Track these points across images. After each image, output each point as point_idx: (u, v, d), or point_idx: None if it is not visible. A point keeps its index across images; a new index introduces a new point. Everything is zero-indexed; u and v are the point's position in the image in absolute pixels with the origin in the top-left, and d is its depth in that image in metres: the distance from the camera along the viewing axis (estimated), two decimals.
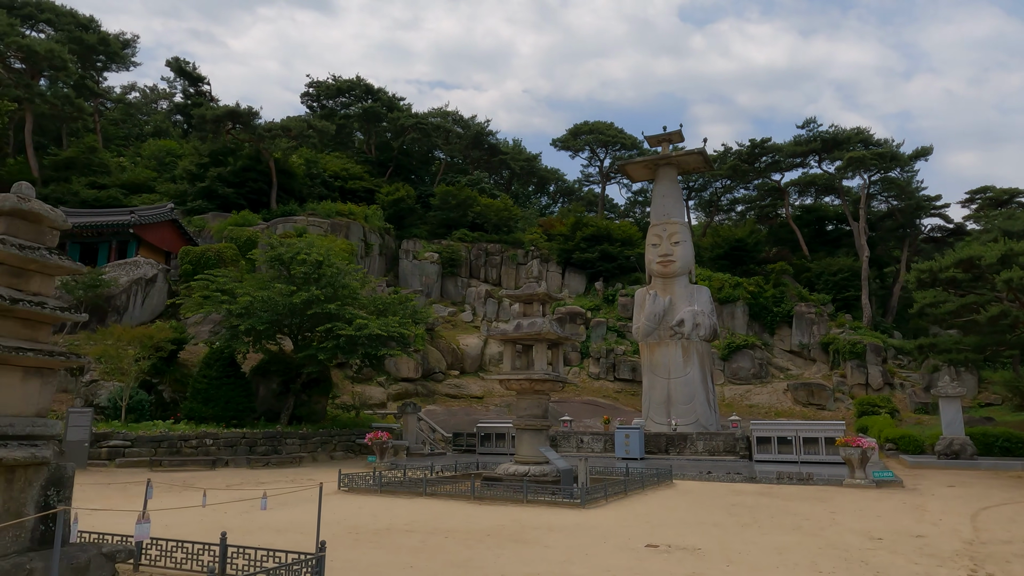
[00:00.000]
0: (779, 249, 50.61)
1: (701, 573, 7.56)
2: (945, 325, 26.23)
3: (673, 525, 10.82)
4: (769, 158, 52.12)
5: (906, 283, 27.80)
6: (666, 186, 35.45)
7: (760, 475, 17.99)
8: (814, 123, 49.46)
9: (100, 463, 19.83)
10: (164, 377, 24.97)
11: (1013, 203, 46.47)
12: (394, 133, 58.33)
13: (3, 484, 5.61)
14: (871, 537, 9.86)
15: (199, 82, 53.00)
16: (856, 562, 8.22)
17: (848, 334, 41.63)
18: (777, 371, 43.16)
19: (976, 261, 22.73)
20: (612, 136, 59.44)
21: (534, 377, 16.73)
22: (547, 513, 11.97)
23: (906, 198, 47.78)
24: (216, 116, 43.54)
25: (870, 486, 15.98)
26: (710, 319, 34.00)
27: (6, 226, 6.16)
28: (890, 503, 13.54)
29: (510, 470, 16.56)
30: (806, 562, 8.19)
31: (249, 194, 43.67)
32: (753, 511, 12.43)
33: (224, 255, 33.78)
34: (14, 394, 6.03)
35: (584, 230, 49.77)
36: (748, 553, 8.68)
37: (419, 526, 10.51)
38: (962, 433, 22.58)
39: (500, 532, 10.15)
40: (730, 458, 23.84)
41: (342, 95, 60.35)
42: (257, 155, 44.17)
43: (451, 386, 40.04)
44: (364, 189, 52.52)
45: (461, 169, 63.41)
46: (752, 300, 44.83)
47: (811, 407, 39.25)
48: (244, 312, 23.22)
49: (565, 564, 7.99)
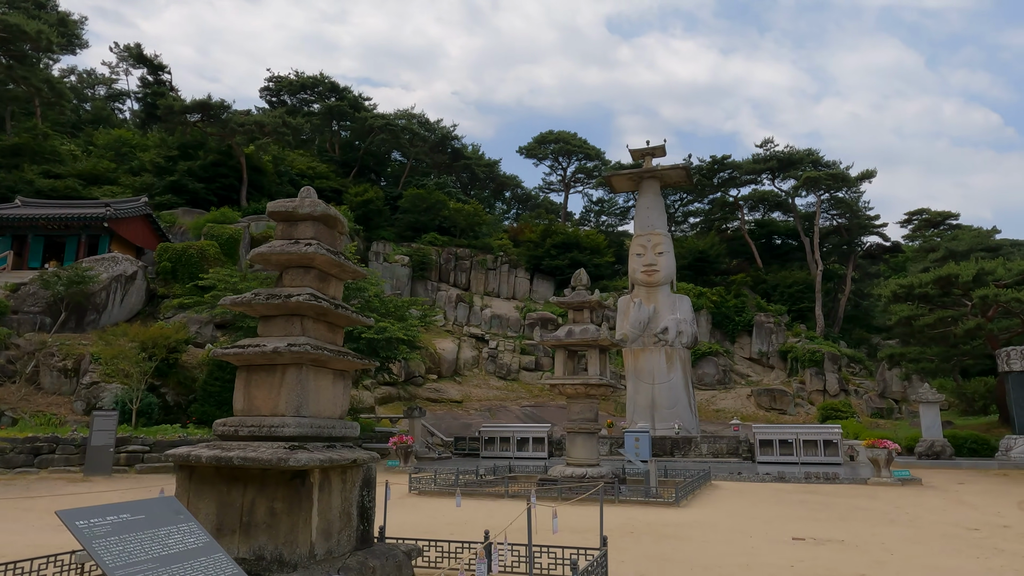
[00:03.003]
0: (739, 261, 53.24)
1: (881, 561, 8.36)
2: (920, 338, 28.58)
3: (780, 520, 11.65)
4: (727, 174, 54.75)
5: (880, 296, 30.09)
6: (650, 199, 36.84)
7: (788, 475, 19.23)
8: (771, 143, 52.40)
9: (120, 469, 18.96)
10: (167, 379, 23.96)
11: (944, 224, 50.83)
12: (360, 133, 57.54)
13: (339, 485, 5.72)
14: (967, 528, 10.99)
15: (160, 70, 50.57)
16: (989, 548, 9.25)
17: (804, 343, 44.34)
18: (739, 377, 45.40)
19: (953, 279, 25.02)
20: (577, 146, 60.82)
21: (590, 382, 17.30)
22: (650, 512, 12.57)
23: (852, 217, 51.34)
24: (184, 108, 41.81)
25: (895, 484, 17.44)
26: (691, 327, 35.59)
27: (315, 231, 6.25)
28: (933, 499, 14.92)
29: (566, 472, 17.05)
30: (950, 549, 9.15)
31: (219, 190, 42.19)
32: (826, 507, 13.46)
33: (207, 253, 32.60)
34: (327, 396, 6.13)
35: (554, 237, 50.78)
36: (890, 543, 9.58)
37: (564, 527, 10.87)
38: (940, 436, 24.75)
39: (634, 529, 10.67)
40: (734, 460, 25.17)
41: (305, 91, 59.03)
42: (228, 150, 42.71)
43: (431, 390, 39.97)
44: (331, 189, 51.52)
45: (424, 172, 63.19)
46: (715, 309, 46.98)
47: (773, 412, 41.55)
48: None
49: (743, 555, 8.61)
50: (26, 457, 18.36)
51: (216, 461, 5.29)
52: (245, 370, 5.97)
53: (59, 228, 32.78)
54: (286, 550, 5.19)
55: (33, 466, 18.33)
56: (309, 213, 6.21)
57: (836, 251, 54.10)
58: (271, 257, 6.11)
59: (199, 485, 5.59)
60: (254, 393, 5.89)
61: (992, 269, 24.85)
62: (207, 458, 5.32)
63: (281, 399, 5.74)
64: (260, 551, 5.25)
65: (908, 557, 8.64)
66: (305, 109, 58.63)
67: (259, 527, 5.30)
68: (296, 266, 6.16)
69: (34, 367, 23.77)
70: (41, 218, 32.42)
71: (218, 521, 5.44)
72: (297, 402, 5.73)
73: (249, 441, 5.62)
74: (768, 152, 52.22)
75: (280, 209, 6.28)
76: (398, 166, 64.48)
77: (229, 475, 5.50)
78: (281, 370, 5.80)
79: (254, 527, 5.31)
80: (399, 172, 62.65)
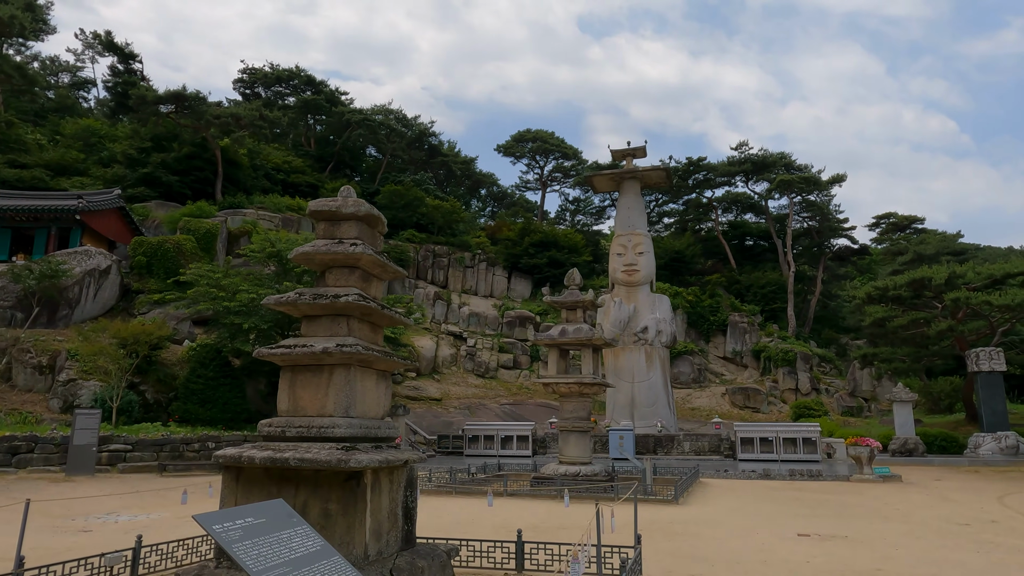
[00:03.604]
0: (714, 262, 54.07)
1: (889, 556, 8.64)
2: (893, 339, 29.42)
3: (781, 517, 11.93)
4: (702, 175, 55.55)
5: (851, 297, 30.91)
6: (631, 199, 37.23)
7: (773, 473, 19.66)
8: (745, 146, 53.31)
9: (102, 468, 18.50)
10: (147, 377, 23.42)
11: (911, 228, 52.37)
12: (336, 128, 56.88)
13: (387, 486, 5.71)
14: (958, 523, 11.41)
15: (131, 59, 49.19)
16: (985, 542, 9.63)
17: (777, 343, 45.27)
18: (713, 376, 46.15)
19: (926, 282, 25.83)
20: (554, 145, 61.05)
21: (584, 381, 17.46)
22: (651, 510, 12.75)
23: (823, 219, 52.55)
24: (158, 98, 40.82)
25: (877, 480, 17.98)
26: (671, 326, 36.09)
27: (358, 231, 6.22)
28: (916, 495, 15.42)
29: (560, 470, 17.18)
30: (950, 544, 9.50)
31: (194, 183, 41.33)
32: (820, 504, 13.82)
33: (184, 247, 31.97)
34: (372, 397, 6.11)
35: (532, 236, 50.91)
36: (891, 538, 9.90)
37: (572, 524, 10.99)
38: (913, 434, 25.54)
39: (642, 528, 10.82)
40: (716, 457, 25.63)
41: (280, 84, 58.12)
42: (203, 142, 41.85)
43: (410, 388, 39.78)
44: (307, 184, 50.91)
45: (400, 168, 62.75)
46: (691, 309, 47.66)
47: (747, 410, 42.34)
48: (245, 310, 22.31)
49: (758, 552, 8.82)
50: (3, 457, 17.80)
51: (270, 462, 5.25)
52: (290, 370, 5.92)
53: (28, 220, 31.72)
54: (342, 551, 5.16)
55: (11, 466, 17.77)
56: (353, 213, 6.18)
57: (807, 253, 55.31)
58: (315, 257, 6.07)
59: (247, 487, 5.54)
60: (299, 393, 5.84)
61: (963, 273, 25.74)
62: (260, 459, 5.27)
63: (329, 399, 5.71)
64: None
65: (913, 552, 8.94)
66: (280, 102, 57.70)
67: (313, 528, 5.27)
68: (341, 266, 6.12)
69: (7, 364, 23.02)
70: (9, 209, 31.33)
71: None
72: (346, 403, 5.71)
73: (297, 442, 5.58)
74: (743, 155, 53.13)
75: (323, 208, 6.23)
76: (373, 162, 63.89)
77: (279, 476, 5.46)
78: (328, 370, 5.77)
79: None
80: (375, 168, 62.09)
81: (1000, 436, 24.06)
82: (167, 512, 12.89)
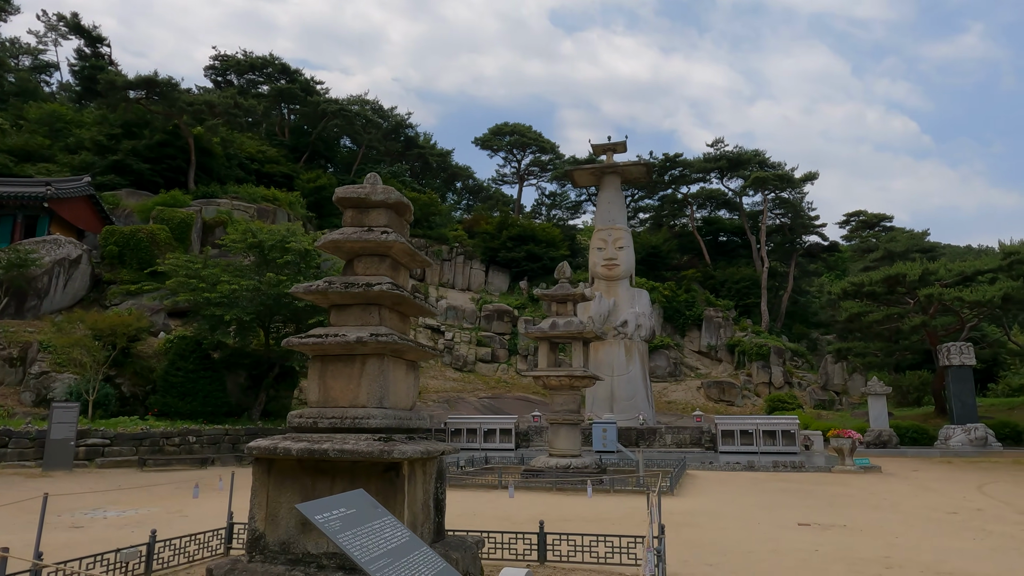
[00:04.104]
0: (689, 257, 54.68)
1: (891, 544, 8.84)
2: (867, 333, 30.13)
3: (776, 507, 12.13)
4: (678, 171, 56.07)
5: (828, 292, 31.56)
6: (611, 193, 37.42)
7: (758, 465, 20.00)
8: (721, 143, 53.96)
9: (79, 463, 17.99)
10: (123, 369, 22.81)
11: (879, 226, 53.63)
12: (311, 118, 56.00)
13: (421, 478, 5.63)
14: (946, 512, 11.74)
15: (99, 43, 47.62)
16: (976, 530, 9.92)
17: (751, 337, 46.01)
18: (688, 370, 46.74)
19: (901, 278, 26.49)
20: (532, 139, 61.01)
21: (575, 374, 17.52)
22: (644, 501, 12.85)
23: (795, 216, 53.50)
24: (128, 83, 39.66)
25: (859, 471, 18.40)
26: (650, 320, 36.41)
27: (387, 219, 6.11)
28: (898, 485, 15.83)
29: (550, 463, 17.21)
30: (944, 532, 9.76)
31: (166, 171, 40.31)
32: (809, 495, 14.09)
33: (158, 237, 31.19)
34: (402, 387, 6.02)
35: (510, 230, 50.85)
36: (887, 527, 10.13)
37: (575, 515, 11.01)
38: (887, 426, 26.22)
39: (645, 518, 10.91)
40: (697, 450, 25.97)
41: (253, 72, 56.98)
42: (175, 130, 40.82)
43: None
44: (282, 174, 50.03)
45: (376, 159, 62.08)
46: (667, 303, 48.16)
47: (722, 403, 42.98)
48: (226, 301, 21.86)
49: (766, 541, 8.95)
50: None
51: (307, 453, 5.14)
52: (320, 360, 5.80)
53: None
54: None
55: None
56: (383, 200, 6.07)
57: (779, 249, 56.24)
58: (344, 244, 5.95)
59: (280, 479, 5.42)
60: (330, 384, 5.73)
61: (935, 270, 26.47)
62: (297, 451, 5.15)
63: (362, 390, 5.61)
64: None
65: (913, 540, 9.16)
66: (253, 91, 56.55)
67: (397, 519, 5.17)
68: (371, 254, 6.01)
69: None
70: None
71: (304, 515, 5.28)
72: (380, 393, 5.61)
73: (331, 433, 5.47)
74: (718, 152, 53.78)
75: (351, 195, 6.11)
76: (348, 153, 63.10)
77: (314, 468, 5.36)
78: (361, 360, 5.67)
79: None
80: (349, 159, 61.31)
81: (970, 428, 24.83)
82: (156, 507, 12.59)
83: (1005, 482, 16.29)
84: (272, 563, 5.18)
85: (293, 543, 5.26)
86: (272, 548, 5.30)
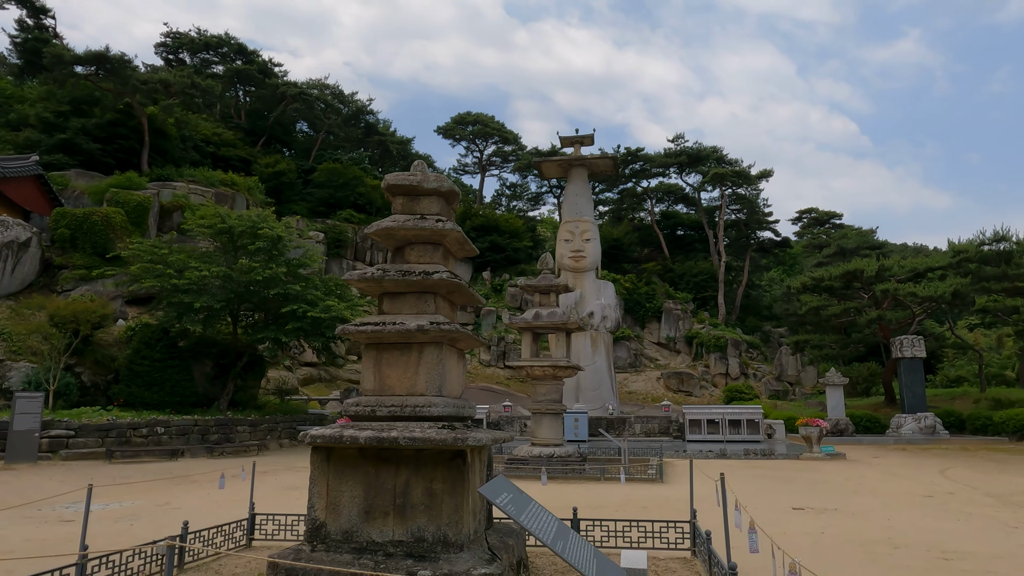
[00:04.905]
0: (649, 250, 55.62)
1: (887, 526, 9.31)
2: (825, 326, 31.32)
3: (766, 493, 12.58)
4: (638, 165, 56.89)
5: (789, 286, 32.66)
6: (578, 186, 37.73)
7: (730, 453, 20.63)
8: (682, 138, 54.99)
9: (43, 455, 17.24)
10: (83, 358, 21.85)
11: (829, 223, 55.67)
12: (269, 101, 54.47)
13: (478, 465, 5.65)
14: (922, 495, 12.40)
15: (43, 14, 45.07)
16: (956, 512, 10.53)
17: (709, 329, 47.24)
18: (648, 361, 47.68)
19: (858, 274, 27.62)
20: (494, 129, 60.88)
21: (559, 364, 17.66)
22: (641, 488, 13.16)
23: (751, 212, 55.03)
24: (76, 58, 37.75)
25: (825, 458, 19.20)
26: (615, 312, 36.96)
27: (439, 207, 6.08)
28: (867, 471, 16.59)
29: (534, 452, 17.36)
30: (929, 514, 10.32)
31: (117, 152, 38.60)
32: (790, 481, 14.65)
33: (113, 221, 29.91)
34: (455, 376, 6.02)
35: (473, 220, 50.75)
36: (875, 510, 10.65)
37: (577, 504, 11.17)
38: (844, 415, 27.37)
39: (646, 504, 11.18)
40: (665, 439, 26.58)
41: (208, 51, 55.00)
42: (127, 109, 39.10)
43: (352, 371, 38.99)
44: (239, 158, 48.57)
45: (335, 145, 60.90)
46: (627, 296, 48.92)
47: (680, 393, 44.04)
48: (195, 288, 21.19)
49: (772, 525, 9.29)
50: None
51: (376, 442, 5.10)
52: (375, 348, 5.75)
53: None
54: (450, 531, 5.10)
55: None
56: (435, 188, 6.03)
57: (734, 244, 57.77)
58: (397, 232, 5.89)
59: (340, 467, 5.37)
60: (386, 372, 5.69)
61: (890, 266, 27.72)
62: (365, 439, 5.11)
63: (420, 379, 5.59)
64: (420, 533, 5.13)
65: (905, 522, 9.66)
66: (207, 71, 54.60)
67: (416, 509, 5.17)
68: (425, 242, 5.97)
69: None
70: None
71: (367, 504, 5.25)
72: (439, 382, 5.60)
73: (390, 421, 5.44)
74: (679, 147, 54.77)
75: (402, 183, 6.05)
76: (305, 138, 61.72)
77: (376, 456, 5.32)
78: (418, 349, 5.64)
79: (410, 509, 5.18)
80: (307, 144, 59.96)
81: (920, 417, 26.15)
82: (142, 500, 12.20)
83: (962, 467, 17.27)
84: (337, 552, 5.14)
85: (356, 532, 5.22)
86: (334, 537, 5.24)
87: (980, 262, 26.80)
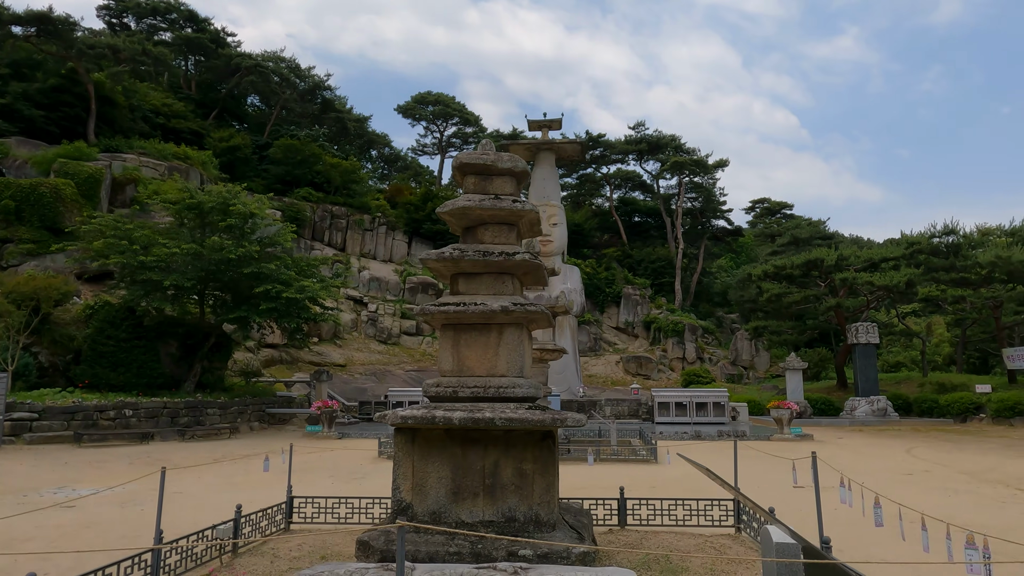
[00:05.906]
0: (609, 236, 56.27)
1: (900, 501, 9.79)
2: (785, 313, 32.48)
3: (756, 472, 13.04)
4: (599, 152, 57.34)
5: (749, 274, 33.66)
6: (546, 170, 37.82)
7: (704, 434, 21.25)
8: (642, 126, 55.65)
9: (5, 439, 16.35)
10: (40, 337, 20.71)
11: (780, 213, 57.51)
12: (221, 72, 52.37)
13: (552, 445, 5.68)
14: (902, 473, 13.10)
15: None
16: (940, 489, 11.19)
17: (666, 315, 48.29)
18: (607, 345, 48.45)
19: (818, 263, 28.70)
20: (455, 110, 60.22)
21: (547, 347, 17.76)
22: (641, 469, 13.46)
23: (707, 201, 56.30)
24: (15, 18, 35.40)
25: (795, 439, 20.01)
26: (580, 296, 37.37)
27: (512, 187, 6.02)
28: (837, 451, 17.40)
29: None
30: (917, 491, 10.92)
31: (62, 120, 36.52)
32: (776, 461, 15.20)
33: (63, 193, 28.38)
34: (529, 357, 6.00)
35: (436, 201, 50.12)
36: (870, 486, 11.17)
37: (580, 484, 11.33)
38: (802, 398, 28.52)
39: (655, 484, 11.45)
40: (635, 421, 27.14)
41: (155, 16, 52.39)
42: (73, 74, 36.97)
43: (313, 353, 38.20)
44: (190, 131, 46.59)
45: (291, 121, 59.12)
46: (588, 281, 49.42)
47: (639, 377, 44.97)
48: (162, 265, 20.34)
49: (785, 503, 9.67)
50: None
51: (471, 423, 5.06)
52: (452, 329, 5.69)
53: None
54: (542, 511, 5.13)
55: None
56: (510, 168, 5.98)
57: (690, 232, 59.05)
58: (472, 212, 5.82)
59: (426, 448, 5.31)
60: (465, 353, 5.64)
61: (848, 256, 28.92)
62: (459, 419, 5.06)
63: (500, 359, 5.57)
64: (511, 513, 5.14)
65: (904, 498, 10.19)
66: (155, 37, 51.99)
67: (506, 489, 5.18)
68: (500, 223, 5.92)
69: None
70: None
71: (454, 484, 5.22)
72: (520, 363, 5.59)
73: (473, 402, 5.41)
74: (639, 134, 55.43)
75: (475, 161, 5.96)
76: (257, 112, 59.71)
77: (463, 437, 5.29)
78: (498, 329, 5.61)
79: (500, 489, 5.18)
80: (260, 118, 58.02)
81: (873, 400, 27.50)
82: (134, 484, 11.73)
83: (925, 447, 18.29)
84: (427, 533, 5.09)
85: (445, 512, 5.19)
86: (422, 519, 5.20)
87: (930, 253, 28.26)
